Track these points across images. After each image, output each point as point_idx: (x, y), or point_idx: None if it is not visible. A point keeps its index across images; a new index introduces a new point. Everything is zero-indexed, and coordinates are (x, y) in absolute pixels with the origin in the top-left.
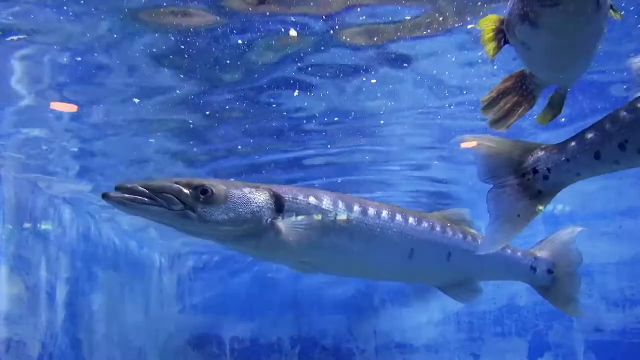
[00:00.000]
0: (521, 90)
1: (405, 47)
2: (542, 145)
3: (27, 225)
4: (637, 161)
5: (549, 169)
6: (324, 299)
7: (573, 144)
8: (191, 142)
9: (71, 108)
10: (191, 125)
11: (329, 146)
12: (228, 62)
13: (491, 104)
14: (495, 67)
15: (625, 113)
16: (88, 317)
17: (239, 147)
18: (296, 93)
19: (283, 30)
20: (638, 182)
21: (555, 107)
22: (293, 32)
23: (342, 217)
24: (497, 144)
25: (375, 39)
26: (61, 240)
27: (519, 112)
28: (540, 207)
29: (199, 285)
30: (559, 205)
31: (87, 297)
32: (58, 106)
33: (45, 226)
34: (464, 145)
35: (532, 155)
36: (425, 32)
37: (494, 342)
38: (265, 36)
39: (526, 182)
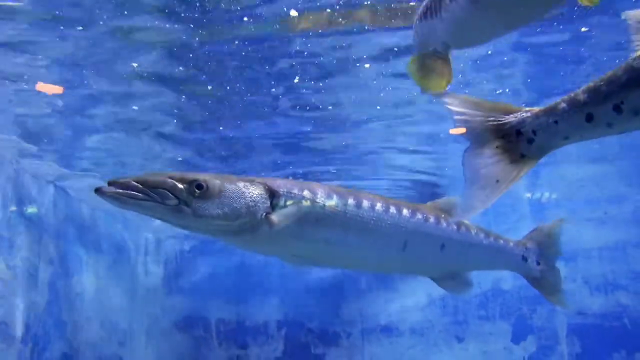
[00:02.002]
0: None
1: None
2: (525, 108)
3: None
4: (631, 124)
5: (534, 131)
6: (310, 281)
7: (563, 105)
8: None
9: (57, 89)
10: None
11: None
12: None
13: None
14: None
15: (622, 73)
16: None
17: None
18: None
19: None
20: (623, 168)
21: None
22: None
23: (337, 210)
24: (475, 103)
25: None
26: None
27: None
28: (522, 173)
29: (186, 268)
30: (545, 191)
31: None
32: (44, 87)
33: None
34: (452, 131)
35: (514, 117)
36: None
37: (478, 325)
38: None
39: (507, 145)
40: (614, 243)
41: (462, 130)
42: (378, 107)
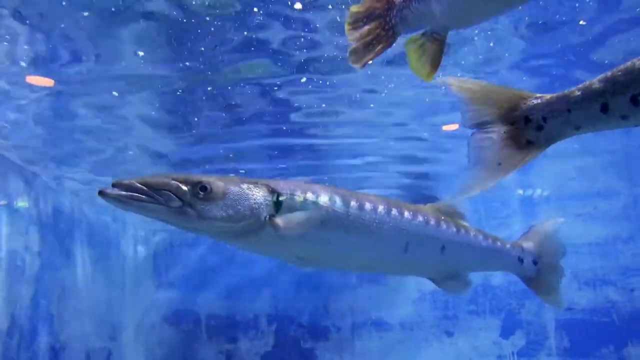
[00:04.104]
0: (385, 21)
1: None
2: (536, 94)
3: None
4: None
5: (544, 118)
6: (300, 276)
7: (577, 93)
8: None
9: (47, 82)
10: None
11: None
12: None
13: (356, 23)
14: None
15: None
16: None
17: None
18: None
19: None
20: (613, 163)
21: (434, 54)
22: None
23: (340, 212)
24: (483, 87)
25: None
26: None
27: (377, 48)
28: (526, 160)
29: (176, 262)
30: (536, 187)
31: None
32: (34, 80)
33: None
34: (445, 128)
35: (524, 103)
36: None
37: (467, 320)
38: None
39: (515, 131)
40: (604, 238)
41: (456, 126)
42: None
